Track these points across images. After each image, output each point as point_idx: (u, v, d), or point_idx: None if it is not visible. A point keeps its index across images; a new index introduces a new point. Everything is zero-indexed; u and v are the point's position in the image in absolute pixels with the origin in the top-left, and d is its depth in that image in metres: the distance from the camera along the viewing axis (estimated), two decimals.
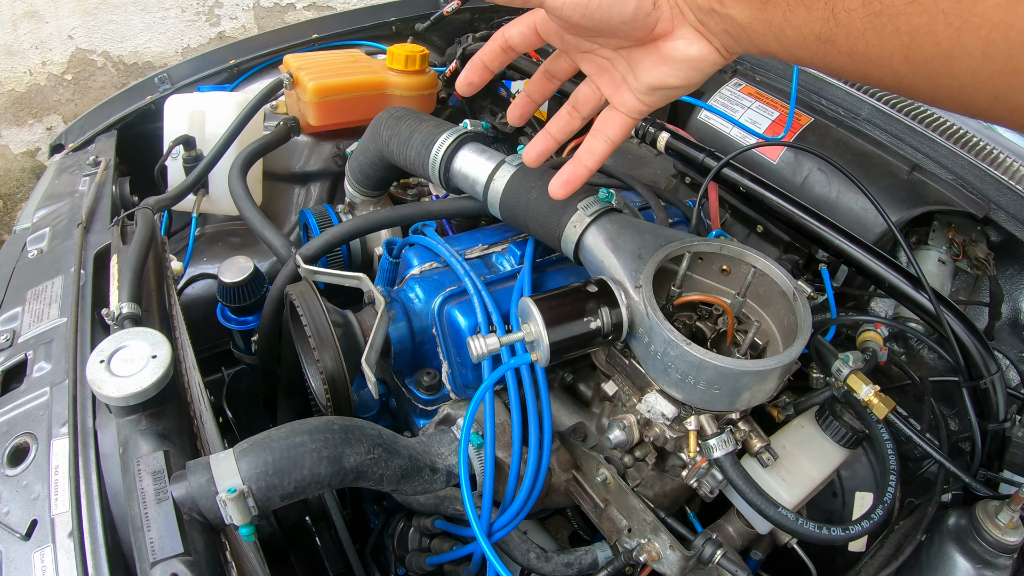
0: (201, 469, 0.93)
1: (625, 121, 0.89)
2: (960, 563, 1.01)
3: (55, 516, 1.01)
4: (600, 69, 0.88)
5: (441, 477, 1.12)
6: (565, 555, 1.25)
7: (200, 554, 0.89)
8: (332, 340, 1.15)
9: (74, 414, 1.15)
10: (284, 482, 0.93)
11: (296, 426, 0.97)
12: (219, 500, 0.91)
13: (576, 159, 0.93)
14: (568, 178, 0.94)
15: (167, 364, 1.02)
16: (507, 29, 0.89)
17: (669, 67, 0.79)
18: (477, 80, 0.92)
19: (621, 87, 0.87)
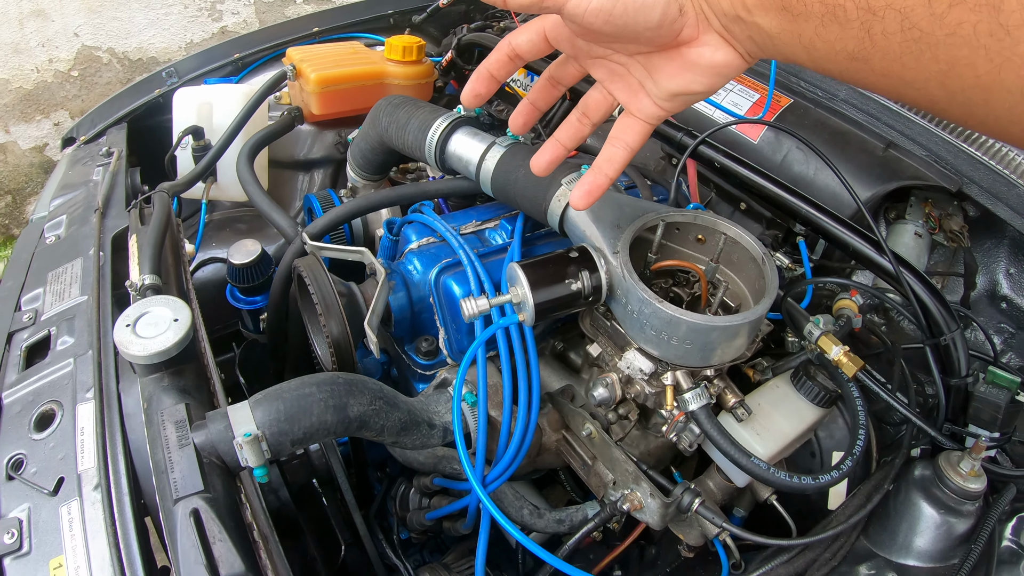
0: (220, 418, 1.06)
1: (643, 127, 0.88)
2: (926, 510, 1.10)
3: (81, 472, 1.12)
4: (613, 75, 0.87)
5: (438, 432, 1.25)
6: (557, 512, 1.37)
7: (218, 493, 1.01)
8: (338, 308, 1.28)
9: (99, 379, 1.26)
10: (294, 428, 1.06)
11: (305, 379, 1.10)
12: (236, 444, 1.04)
13: (596, 169, 0.91)
14: (590, 188, 0.92)
15: (188, 326, 1.14)
16: (514, 37, 0.87)
17: (693, 73, 0.79)
18: (484, 91, 0.90)
19: (638, 93, 0.86)
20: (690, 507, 1.18)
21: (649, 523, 1.20)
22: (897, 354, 1.39)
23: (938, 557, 1.07)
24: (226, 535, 0.96)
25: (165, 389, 1.14)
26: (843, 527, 1.13)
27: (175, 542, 0.96)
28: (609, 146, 0.90)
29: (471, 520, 1.34)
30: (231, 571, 0.95)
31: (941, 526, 1.08)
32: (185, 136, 1.97)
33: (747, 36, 0.73)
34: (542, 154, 0.97)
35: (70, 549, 1.04)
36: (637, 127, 0.88)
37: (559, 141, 0.96)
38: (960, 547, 1.07)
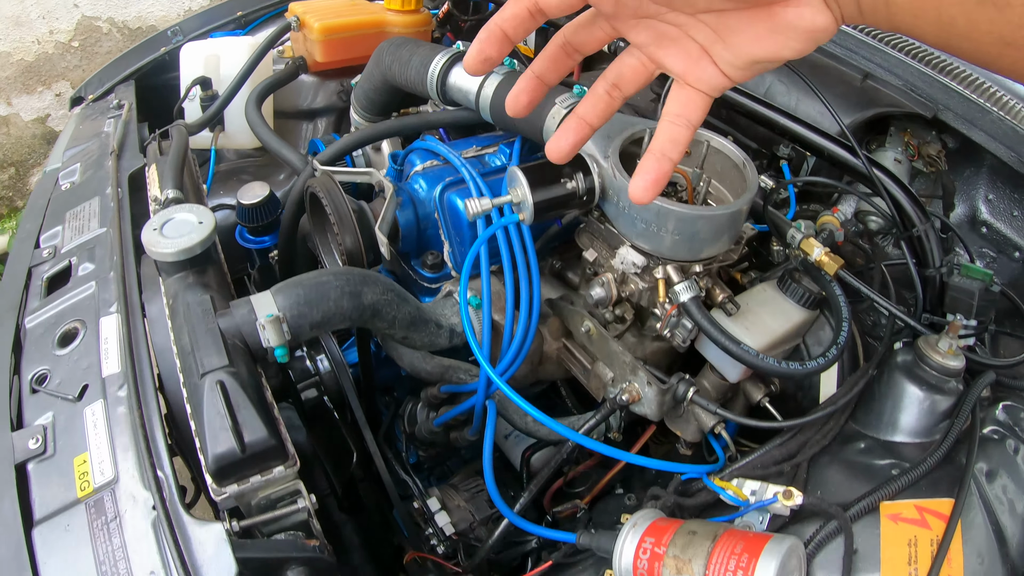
0: (243, 304, 1.15)
1: (705, 101, 0.74)
2: (909, 388, 1.17)
3: (106, 377, 1.18)
4: (663, 39, 0.72)
5: (445, 332, 1.35)
6: (560, 419, 1.47)
7: (242, 370, 1.09)
8: (351, 220, 1.38)
9: (123, 291, 1.32)
10: (313, 312, 1.16)
11: (323, 271, 1.20)
12: (259, 325, 1.13)
13: (658, 154, 0.74)
14: (656, 177, 0.74)
15: (211, 228, 1.22)
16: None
17: (785, 37, 0.66)
18: (495, 54, 0.73)
19: (700, 60, 0.71)
20: (685, 396, 1.26)
21: (647, 414, 1.29)
22: (878, 259, 1.48)
23: (923, 432, 1.16)
24: (250, 404, 1.06)
25: (190, 286, 1.21)
26: (832, 408, 1.21)
27: (200, 413, 1.04)
28: (669, 124, 0.74)
29: (477, 423, 1.43)
30: (255, 436, 1.04)
31: (924, 402, 1.16)
32: (193, 87, 2.07)
33: (856, 2, 0.62)
34: (563, 136, 0.79)
35: (94, 446, 1.09)
36: (699, 100, 0.74)
37: (584, 119, 0.79)
38: (943, 423, 1.16)
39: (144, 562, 0.96)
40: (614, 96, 0.78)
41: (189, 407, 1.09)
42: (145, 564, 0.96)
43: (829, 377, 1.42)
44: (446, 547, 1.47)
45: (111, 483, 1.05)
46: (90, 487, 1.06)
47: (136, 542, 0.99)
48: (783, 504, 1.04)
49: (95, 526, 1.02)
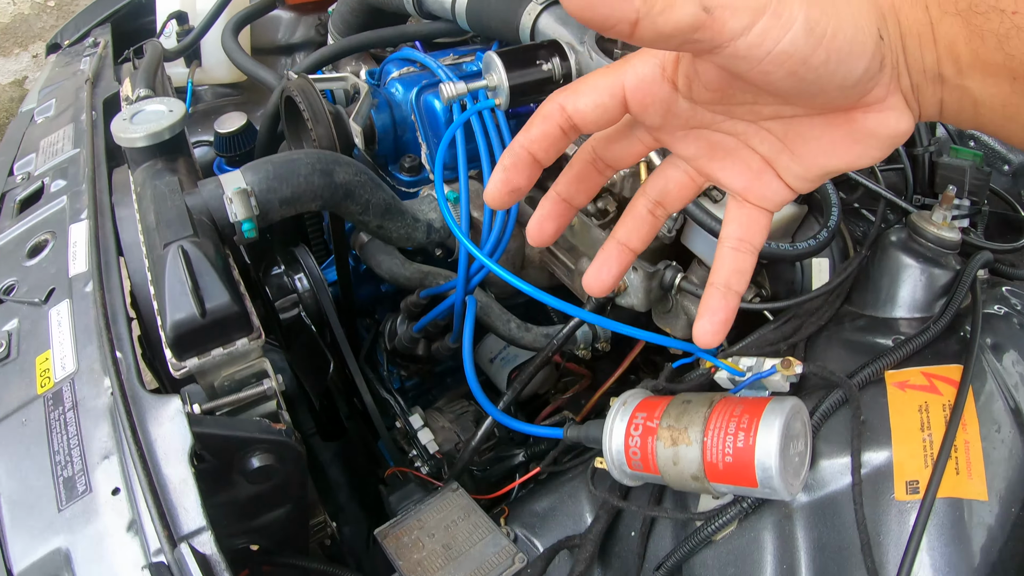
0: (211, 181, 1.06)
1: (768, 218, 0.62)
2: (905, 261, 1.08)
3: (72, 276, 1.11)
4: (717, 150, 0.60)
5: (422, 226, 1.25)
6: (544, 328, 1.38)
7: (208, 242, 0.99)
8: (326, 117, 1.28)
9: (93, 197, 1.25)
10: (283, 186, 1.06)
11: (294, 150, 1.11)
12: (226, 199, 1.03)
13: (723, 289, 0.61)
14: (726, 316, 0.61)
15: (181, 115, 1.13)
16: (571, 98, 0.57)
17: (864, 146, 0.55)
18: (524, 183, 0.59)
19: (763, 175, 0.59)
20: (673, 283, 1.17)
21: (635, 304, 1.19)
22: None
23: (922, 307, 1.06)
24: (213, 272, 0.96)
25: (158, 172, 1.12)
26: (829, 286, 1.12)
27: (162, 283, 0.95)
28: (733, 252, 0.61)
29: (457, 324, 1.33)
30: (217, 301, 0.94)
31: (922, 275, 1.06)
32: (169, 21, 1.96)
33: (937, 100, 0.53)
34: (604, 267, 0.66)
35: (57, 343, 1.02)
36: (762, 220, 0.61)
37: (625, 245, 0.65)
38: (942, 300, 1.06)
39: (98, 447, 0.88)
40: (658, 216, 0.65)
41: (152, 285, 0.99)
42: (99, 449, 0.88)
43: (821, 273, 1.33)
44: (430, 467, 1.36)
45: (72, 375, 0.97)
46: (51, 382, 0.98)
47: (91, 427, 0.90)
48: (782, 375, 0.94)
49: (52, 417, 0.94)
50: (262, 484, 1.00)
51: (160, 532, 0.77)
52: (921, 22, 0.51)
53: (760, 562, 0.89)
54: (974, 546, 0.82)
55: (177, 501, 0.82)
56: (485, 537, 1.07)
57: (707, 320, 0.61)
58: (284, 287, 1.42)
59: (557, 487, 1.20)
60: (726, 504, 0.91)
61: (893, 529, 0.84)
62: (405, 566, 1.06)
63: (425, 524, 1.11)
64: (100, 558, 0.79)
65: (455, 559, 1.05)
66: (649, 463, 0.89)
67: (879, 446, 0.89)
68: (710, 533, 0.91)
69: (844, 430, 0.91)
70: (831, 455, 0.90)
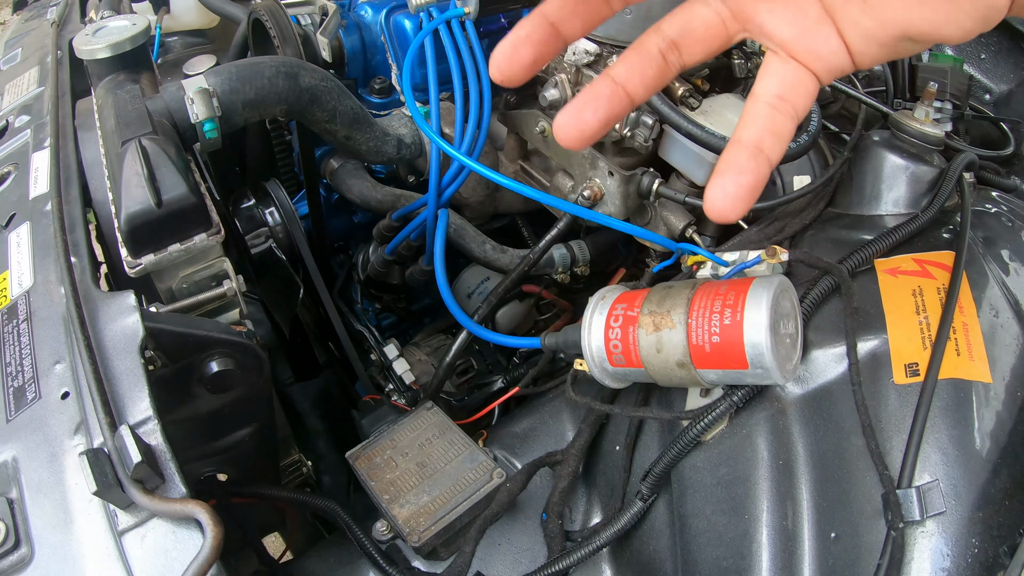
0: (173, 85, 0.99)
1: (815, 85, 0.49)
2: (889, 157, 0.99)
3: (32, 198, 1.03)
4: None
5: (392, 140, 1.16)
6: (521, 250, 1.28)
7: (167, 140, 0.93)
8: (295, 38, 1.20)
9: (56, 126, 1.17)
10: (246, 88, 0.98)
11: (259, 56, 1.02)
12: (187, 99, 0.95)
13: (754, 149, 0.47)
14: (754, 181, 0.47)
15: (144, 27, 1.07)
16: None
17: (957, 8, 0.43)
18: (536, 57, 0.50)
19: (820, 26, 0.47)
20: (650, 189, 1.09)
21: (612, 212, 1.11)
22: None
23: (908, 203, 0.98)
24: (171, 164, 0.87)
25: (120, 83, 1.04)
26: (813, 185, 1.05)
27: (119, 177, 0.87)
28: (770, 110, 0.49)
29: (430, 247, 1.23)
30: (174, 193, 0.86)
31: (907, 170, 0.98)
32: None
33: None
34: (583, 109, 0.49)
35: (15, 263, 0.95)
36: (808, 83, 0.49)
37: (623, 86, 0.50)
38: (928, 195, 0.99)
39: (49, 354, 0.81)
40: (670, 61, 0.50)
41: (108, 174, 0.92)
42: (51, 355, 0.80)
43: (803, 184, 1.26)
44: (407, 399, 1.28)
45: (28, 290, 0.90)
46: (7, 299, 0.91)
47: (44, 335, 0.83)
48: (767, 263, 0.86)
49: (5, 331, 0.87)
50: (223, 395, 0.91)
51: (103, 421, 0.70)
52: None
53: (754, 459, 0.80)
54: (982, 428, 0.75)
55: (124, 393, 0.74)
56: (461, 454, 0.99)
57: (730, 179, 0.46)
58: (255, 219, 1.33)
59: (538, 408, 1.12)
60: (715, 400, 0.83)
61: (895, 413, 0.76)
62: (377, 486, 0.97)
63: (398, 444, 1.02)
64: (46, 463, 0.73)
65: (430, 477, 0.97)
66: (631, 355, 0.80)
67: (874, 332, 0.81)
68: (699, 432, 0.83)
69: (835, 318, 0.83)
70: (823, 344, 0.82)
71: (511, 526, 0.99)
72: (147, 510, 0.66)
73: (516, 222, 1.47)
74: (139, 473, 0.65)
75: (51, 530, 0.69)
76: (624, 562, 0.93)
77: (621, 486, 0.94)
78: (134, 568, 0.65)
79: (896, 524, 0.70)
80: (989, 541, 0.70)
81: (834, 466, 0.77)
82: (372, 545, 0.94)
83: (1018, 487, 0.72)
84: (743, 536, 0.78)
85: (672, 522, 0.87)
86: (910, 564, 0.70)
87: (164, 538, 0.66)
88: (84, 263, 0.88)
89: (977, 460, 0.73)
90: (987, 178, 1.13)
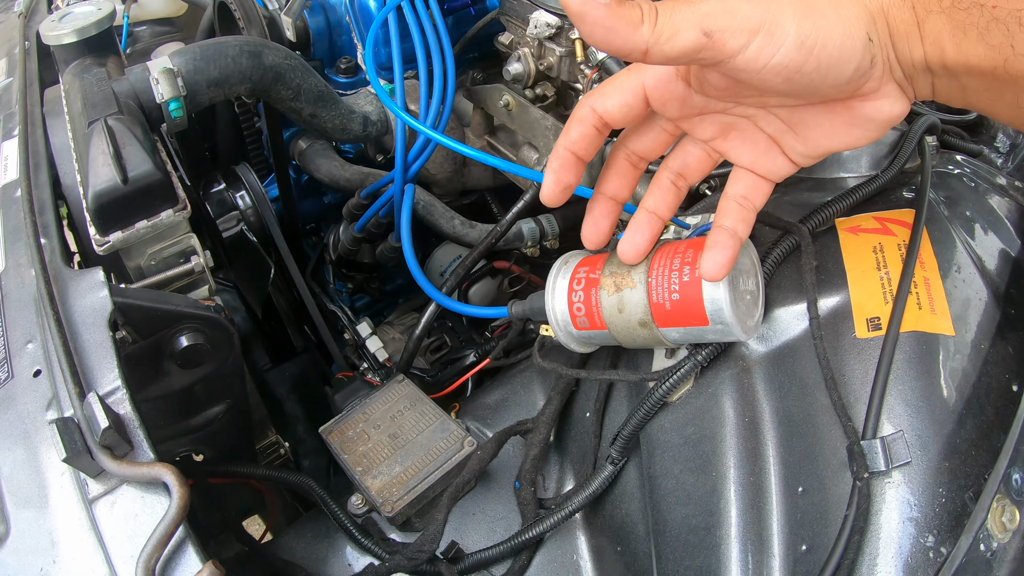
0: (138, 67, 1.00)
1: (771, 187, 0.70)
2: None
3: (3, 186, 1.04)
4: (730, 131, 0.68)
5: (358, 118, 1.17)
6: (490, 225, 1.29)
7: (133, 119, 0.93)
8: (259, 20, 1.20)
9: (25, 114, 1.17)
10: (210, 67, 0.99)
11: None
12: (152, 79, 0.96)
13: (730, 231, 0.68)
14: (732, 254, 0.68)
15: (109, 12, 1.09)
16: (599, 100, 0.65)
17: (862, 129, 0.62)
18: (573, 179, 0.68)
19: (770, 152, 0.67)
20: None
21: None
22: None
23: (868, 166, 0.98)
24: (137, 143, 0.88)
25: (87, 67, 1.05)
26: None
27: (86, 157, 0.88)
28: (738, 207, 0.69)
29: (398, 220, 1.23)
30: (140, 169, 0.87)
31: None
32: None
33: (929, 85, 0.59)
34: (636, 234, 0.73)
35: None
36: (765, 188, 0.69)
37: (655, 214, 0.73)
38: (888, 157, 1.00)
39: (21, 334, 0.82)
40: (680, 186, 0.73)
41: (78, 168, 0.92)
42: (22, 336, 0.81)
43: None
44: (380, 376, 1.28)
45: (0, 273, 0.90)
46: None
47: (16, 316, 0.84)
48: None
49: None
50: (195, 371, 0.92)
51: (72, 391, 0.71)
52: (908, 22, 0.55)
53: (721, 418, 0.81)
54: (946, 380, 0.75)
55: (94, 365, 0.75)
56: (433, 424, 1.00)
57: (719, 254, 0.67)
58: (225, 202, 1.33)
59: (509, 379, 1.12)
60: (680, 360, 0.84)
61: (857, 367, 0.77)
62: (350, 459, 0.98)
63: (370, 416, 1.03)
64: (20, 440, 0.74)
65: (402, 448, 0.97)
66: (595, 317, 0.81)
67: (835, 289, 0.82)
68: (665, 392, 0.83)
69: (797, 277, 0.83)
70: (785, 303, 0.83)
71: (485, 496, 0.99)
72: (116, 476, 0.67)
73: (485, 198, 1.48)
74: (107, 439, 0.66)
75: (25, 506, 0.70)
76: (597, 527, 0.94)
77: (592, 452, 0.95)
78: (104, 534, 0.66)
79: (861, 474, 0.70)
80: (956, 490, 0.70)
81: (799, 422, 0.78)
82: (347, 518, 0.95)
83: (983, 437, 0.73)
84: (711, 493, 0.79)
85: (643, 484, 0.88)
86: (879, 515, 0.70)
87: (133, 503, 0.67)
88: (54, 243, 0.89)
89: (942, 411, 0.73)
90: (952, 142, 1.15)
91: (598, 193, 0.73)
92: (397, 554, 0.88)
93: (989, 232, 0.89)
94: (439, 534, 0.87)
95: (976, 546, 0.60)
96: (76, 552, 0.66)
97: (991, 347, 0.78)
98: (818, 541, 0.72)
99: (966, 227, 0.89)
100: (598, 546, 0.93)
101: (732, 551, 0.76)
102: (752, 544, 0.75)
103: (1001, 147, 1.29)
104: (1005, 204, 0.93)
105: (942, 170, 0.99)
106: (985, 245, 0.87)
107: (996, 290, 0.82)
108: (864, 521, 0.70)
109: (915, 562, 0.67)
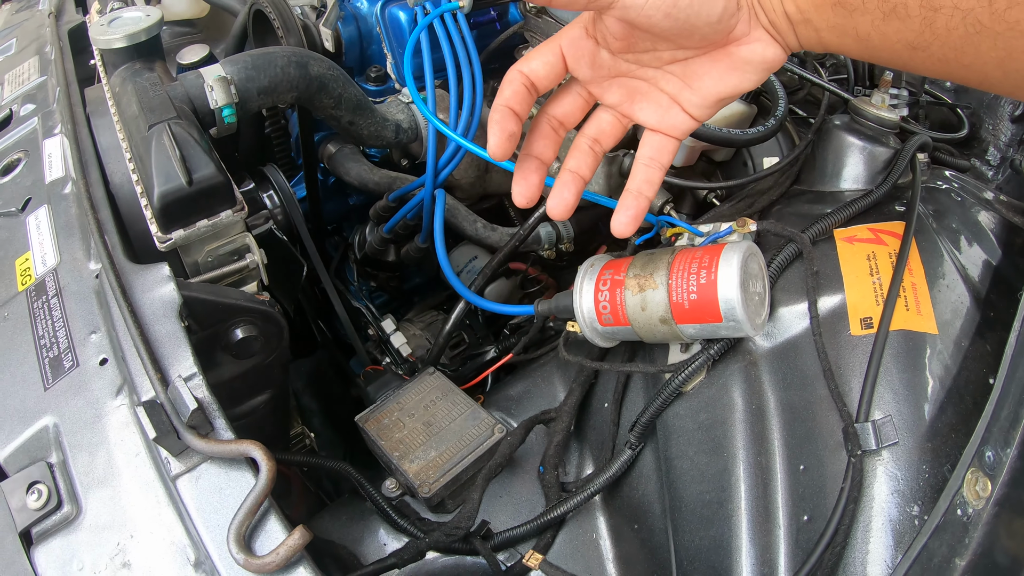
0: (192, 74, 1.08)
1: (675, 144, 0.81)
2: (849, 140, 1.12)
3: (49, 183, 1.12)
4: (635, 94, 0.80)
5: (391, 126, 1.28)
6: (510, 228, 1.40)
7: (188, 119, 1.03)
8: (297, 28, 1.31)
9: (69, 112, 1.24)
10: (260, 76, 1.08)
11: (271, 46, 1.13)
12: (207, 86, 1.06)
13: (636, 193, 0.82)
14: (636, 213, 0.82)
15: (158, 20, 1.15)
16: (525, 64, 0.76)
17: (743, 72, 0.73)
18: (515, 128, 0.76)
19: (670, 109, 0.78)
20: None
21: (595, 191, 1.23)
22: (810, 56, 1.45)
23: (865, 180, 1.10)
24: (198, 146, 0.98)
25: (137, 71, 1.13)
26: (780, 164, 1.19)
27: (149, 161, 0.96)
28: (644, 168, 0.82)
29: (426, 225, 1.36)
30: (204, 172, 0.97)
31: (864, 151, 1.11)
32: None
33: (792, 32, 0.70)
34: (560, 192, 0.81)
35: (36, 244, 1.04)
36: (669, 145, 0.81)
37: (578, 174, 0.82)
38: (884, 172, 1.12)
39: (84, 325, 0.90)
40: (596, 151, 0.83)
41: (136, 168, 1.01)
42: (85, 327, 0.89)
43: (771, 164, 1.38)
44: (404, 370, 1.40)
45: (55, 267, 0.98)
46: (32, 278, 0.99)
47: (76, 308, 0.92)
48: (738, 233, 0.99)
49: (35, 307, 0.95)
50: (245, 360, 1.02)
51: (153, 378, 0.78)
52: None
53: (730, 405, 0.93)
54: (930, 373, 0.87)
55: (168, 354, 0.83)
56: (464, 412, 1.10)
57: (623, 214, 0.81)
58: (255, 202, 1.43)
59: (530, 373, 1.23)
60: (694, 354, 0.96)
61: (852, 361, 0.89)
62: (387, 445, 1.08)
63: (404, 406, 1.13)
64: (90, 425, 0.81)
65: (436, 434, 1.08)
66: (619, 314, 0.93)
67: (832, 291, 0.94)
68: (680, 383, 0.95)
69: (799, 280, 0.95)
70: (788, 303, 0.95)
71: (511, 480, 1.10)
72: (202, 453, 0.75)
73: (503, 203, 1.59)
74: (194, 420, 0.75)
75: (98, 486, 0.76)
76: (616, 508, 1.05)
77: (611, 439, 1.07)
78: (189, 508, 0.74)
79: (855, 452, 0.83)
80: (937, 467, 0.82)
81: (800, 409, 0.90)
82: (384, 500, 1.05)
83: (962, 422, 0.85)
84: (723, 472, 0.91)
85: (658, 467, 0.99)
86: (870, 488, 0.82)
87: (217, 477, 0.75)
88: (114, 239, 0.97)
89: (925, 399, 0.86)
90: (941, 159, 1.27)
91: (524, 154, 0.81)
92: (435, 531, 0.98)
93: (972, 243, 1.01)
94: (475, 512, 0.98)
95: (953, 511, 0.72)
96: (155, 525, 0.73)
97: (971, 345, 0.90)
98: (818, 512, 0.84)
99: (951, 238, 1.01)
100: (616, 525, 1.05)
101: (742, 522, 0.88)
102: (760, 516, 0.87)
103: (992, 160, 1.42)
104: (989, 217, 1.05)
105: (931, 185, 1.10)
106: (968, 254, 0.99)
107: (977, 295, 0.94)
108: (858, 493, 0.82)
109: (902, 528, 0.79)
